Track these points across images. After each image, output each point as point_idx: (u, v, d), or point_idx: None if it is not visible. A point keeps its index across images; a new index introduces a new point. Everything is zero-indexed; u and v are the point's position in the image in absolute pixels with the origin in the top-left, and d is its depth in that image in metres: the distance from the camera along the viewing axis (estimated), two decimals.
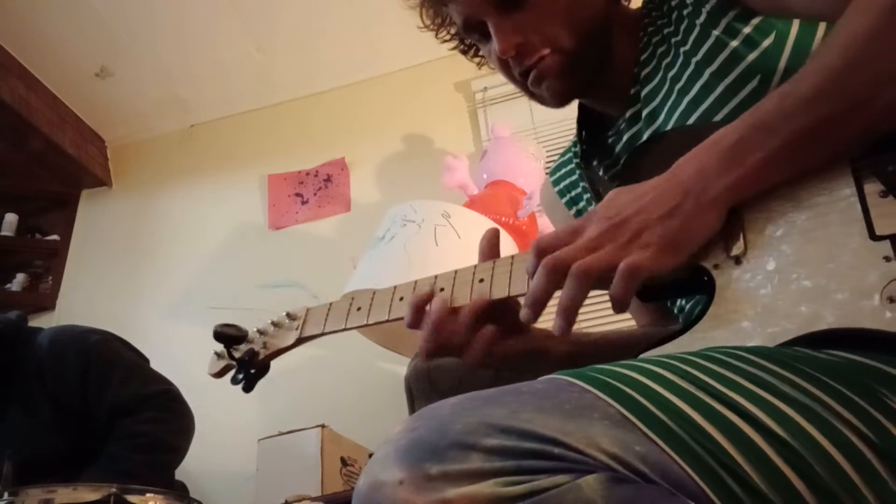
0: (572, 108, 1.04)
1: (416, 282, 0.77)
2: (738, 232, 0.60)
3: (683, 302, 0.81)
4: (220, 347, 0.90)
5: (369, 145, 2.85)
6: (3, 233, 2.94)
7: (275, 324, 0.89)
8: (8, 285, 2.89)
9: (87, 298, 2.84)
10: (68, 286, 2.91)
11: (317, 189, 2.84)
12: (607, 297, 0.59)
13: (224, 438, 2.33)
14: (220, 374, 0.92)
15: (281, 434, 1.89)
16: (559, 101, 0.85)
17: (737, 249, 0.59)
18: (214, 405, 2.46)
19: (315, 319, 0.86)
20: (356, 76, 3.00)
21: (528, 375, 0.56)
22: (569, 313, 0.60)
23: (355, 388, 2.34)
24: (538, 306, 0.63)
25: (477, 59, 0.95)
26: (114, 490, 1.16)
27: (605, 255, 0.59)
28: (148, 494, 1.22)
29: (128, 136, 3.22)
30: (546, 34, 0.78)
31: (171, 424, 1.70)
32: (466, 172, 2.39)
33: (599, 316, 1.99)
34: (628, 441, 0.43)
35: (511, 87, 3.06)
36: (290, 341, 0.87)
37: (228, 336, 0.88)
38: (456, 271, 0.75)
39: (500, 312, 0.72)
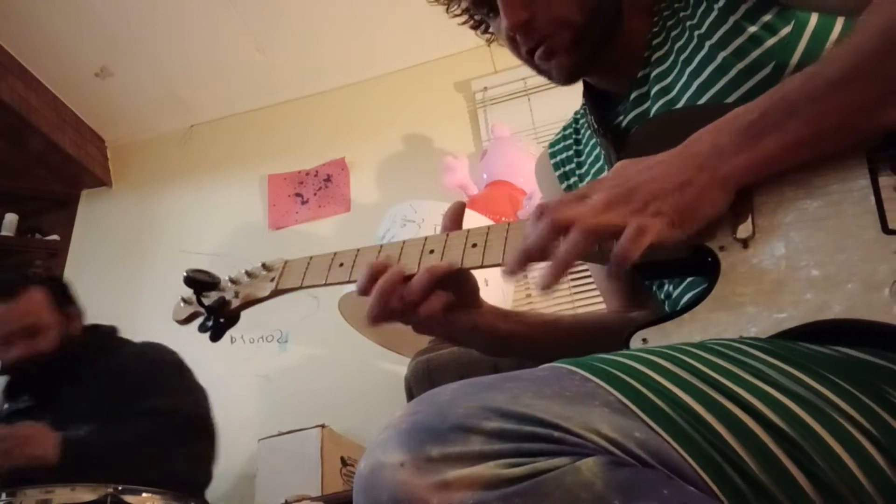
0: (571, 109, 1.04)
1: (403, 242, 0.76)
2: (747, 215, 0.59)
3: (671, 288, 0.80)
4: (188, 293, 0.86)
5: (369, 145, 2.85)
6: (3, 233, 2.93)
7: (249, 273, 0.86)
8: None
9: (87, 298, 2.82)
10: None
11: (317, 189, 2.84)
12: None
13: (224, 438, 2.33)
14: (186, 321, 0.88)
15: (281, 434, 1.89)
16: (567, 78, 0.84)
17: (745, 232, 0.58)
18: (214, 405, 2.47)
19: (293, 272, 0.83)
20: (356, 76, 3.00)
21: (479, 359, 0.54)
22: (560, 267, 0.57)
23: (355, 388, 2.34)
24: (526, 259, 0.60)
25: (487, 36, 0.94)
26: (111, 490, 1.16)
27: (613, 216, 0.57)
28: (145, 494, 1.22)
29: (128, 136, 3.22)
30: (554, 11, 0.77)
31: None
32: (466, 172, 2.39)
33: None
34: (628, 427, 0.42)
35: (511, 87, 3.04)
36: (266, 292, 0.83)
37: (199, 282, 0.84)
38: (447, 234, 0.75)
39: (453, 285, 0.72)
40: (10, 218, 2.96)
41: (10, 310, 1.72)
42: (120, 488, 1.18)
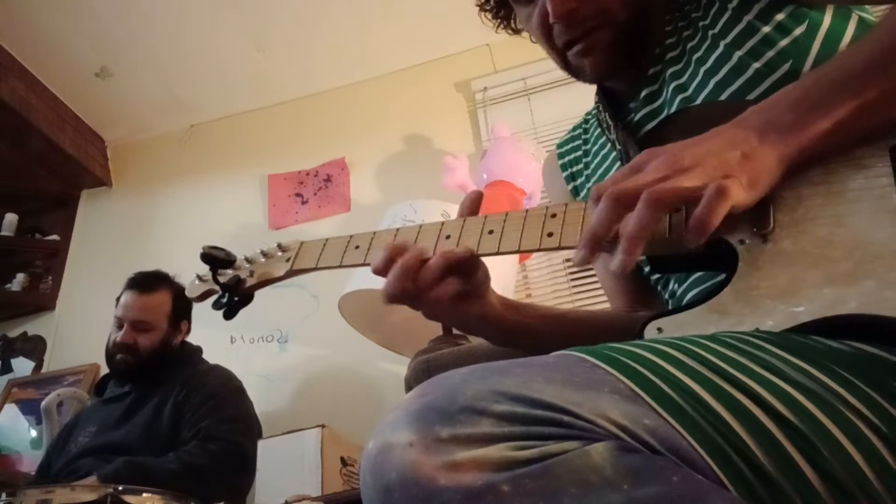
0: (571, 109, 1.04)
1: (420, 226, 0.76)
2: (767, 210, 0.59)
3: (675, 286, 0.80)
4: (203, 270, 0.87)
5: (369, 145, 2.84)
6: (3, 233, 2.93)
7: (264, 253, 0.87)
8: (8, 285, 2.89)
9: (87, 298, 2.84)
10: (68, 286, 2.91)
11: (317, 189, 2.84)
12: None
13: None
14: (200, 298, 0.89)
15: (281, 434, 1.89)
16: (598, 78, 0.84)
17: (765, 226, 0.58)
18: None
19: (309, 253, 0.83)
20: (356, 76, 3.00)
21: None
22: (633, 243, 0.53)
23: (355, 388, 2.34)
24: (595, 243, 0.56)
25: (497, 21, 0.93)
26: (111, 490, 1.16)
27: (686, 179, 0.53)
28: (145, 495, 1.22)
29: (128, 136, 3.22)
30: (601, 4, 0.77)
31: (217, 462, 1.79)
32: (466, 172, 2.38)
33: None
34: (637, 414, 0.43)
35: (511, 87, 3.03)
36: (281, 272, 0.84)
37: (215, 258, 0.85)
38: (465, 219, 0.74)
39: (465, 272, 0.72)
40: (10, 218, 2.96)
41: (137, 299, 2.01)
42: (120, 488, 1.18)
